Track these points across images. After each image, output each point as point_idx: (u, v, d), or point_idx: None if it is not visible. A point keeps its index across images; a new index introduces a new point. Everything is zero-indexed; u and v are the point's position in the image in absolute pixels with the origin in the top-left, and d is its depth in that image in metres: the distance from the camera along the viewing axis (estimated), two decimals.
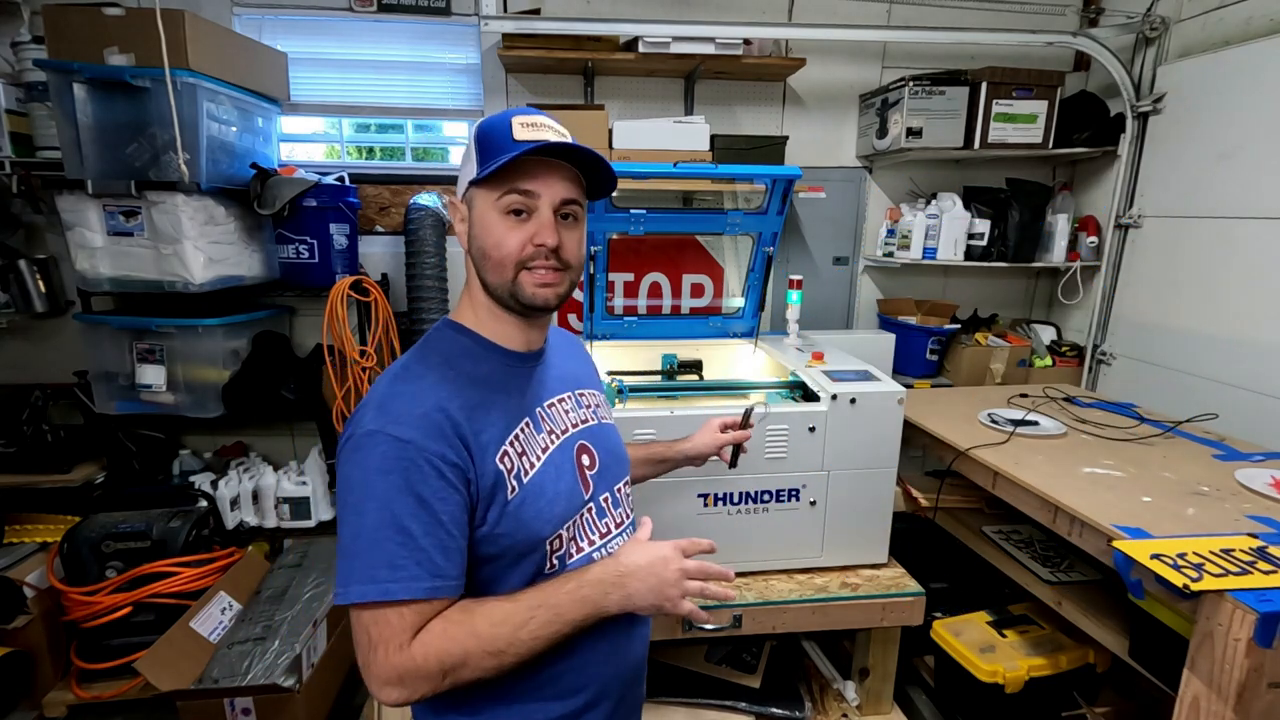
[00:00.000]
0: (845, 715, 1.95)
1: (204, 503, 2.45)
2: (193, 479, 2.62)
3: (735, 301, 2.47)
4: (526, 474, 0.91)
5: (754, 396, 2.04)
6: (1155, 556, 1.25)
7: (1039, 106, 2.61)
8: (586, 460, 1.00)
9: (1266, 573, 1.19)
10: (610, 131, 2.56)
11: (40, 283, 2.54)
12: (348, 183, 2.57)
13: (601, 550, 0.98)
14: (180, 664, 1.97)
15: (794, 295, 2.33)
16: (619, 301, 2.51)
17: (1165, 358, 2.53)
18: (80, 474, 2.45)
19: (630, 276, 2.54)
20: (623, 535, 1.02)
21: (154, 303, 2.39)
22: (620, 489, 1.06)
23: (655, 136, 2.54)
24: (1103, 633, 1.61)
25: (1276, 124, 2.14)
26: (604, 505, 1.01)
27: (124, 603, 2.16)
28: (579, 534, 0.96)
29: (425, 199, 2.58)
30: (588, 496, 0.98)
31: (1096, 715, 1.86)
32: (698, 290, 2.62)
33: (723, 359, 2.39)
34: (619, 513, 1.04)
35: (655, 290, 2.59)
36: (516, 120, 0.88)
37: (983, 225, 2.80)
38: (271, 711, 1.93)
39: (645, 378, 2.28)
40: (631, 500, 1.11)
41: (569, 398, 1.03)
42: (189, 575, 2.23)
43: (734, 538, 1.83)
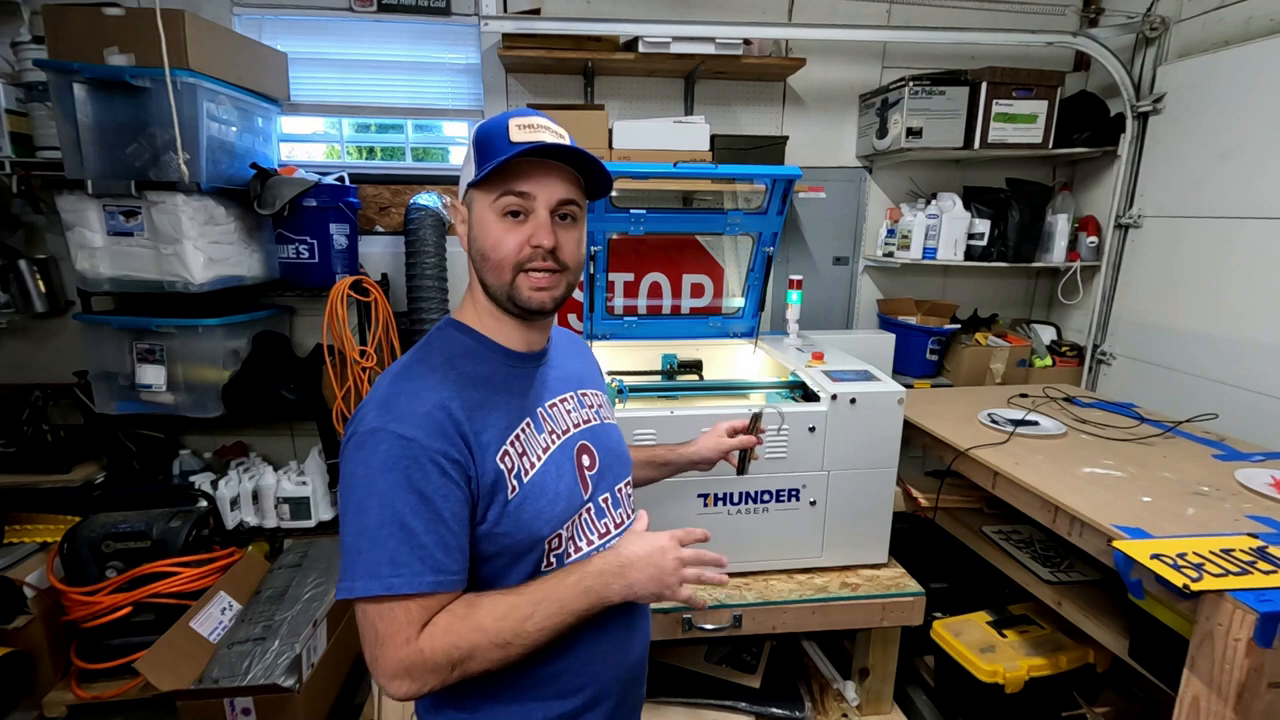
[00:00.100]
0: (845, 715, 1.95)
1: (204, 503, 2.45)
2: (193, 479, 2.62)
3: (735, 301, 2.47)
4: (527, 473, 0.91)
5: (754, 397, 2.04)
6: (1155, 556, 1.25)
7: (1039, 106, 2.61)
8: (586, 460, 1.00)
9: (1266, 573, 1.19)
10: (610, 131, 2.56)
11: (40, 283, 2.54)
12: (348, 183, 2.57)
13: (600, 550, 0.98)
14: (180, 664, 1.97)
15: (794, 295, 2.33)
16: (619, 301, 2.51)
17: (1165, 358, 2.53)
18: (80, 474, 2.45)
19: (630, 276, 2.54)
20: (622, 535, 1.02)
21: (154, 303, 2.39)
22: (621, 489, 1.05)
23: (655, 136, 2.54)
24: (1103, 633, 1.61)
25: (1276, 124, 2.14)
26: (603, 505, 1.01)
27: (124, 603, 2.16)
28: (578, 533, 0.96)
29: (425, 199, 2.58)
30: (587, 496, 0.98)
31: (1096, 715, 1.86)
32: (698, 290, 2.62)
33: (723, 359, 2.39)
34: (619, 513, 1.04)
35: (655, 290, 2.59)
36: (514, 122, 0.88)
37: (983, 225, 2.80)
38: (271, 711, 1.93)
39: (645, 378, 2.29)
40: (632, 501, 1.10)
41: (571, 397, 1.03)
42: (189, 575, 2.23)
43: (734, 538, 1.83)
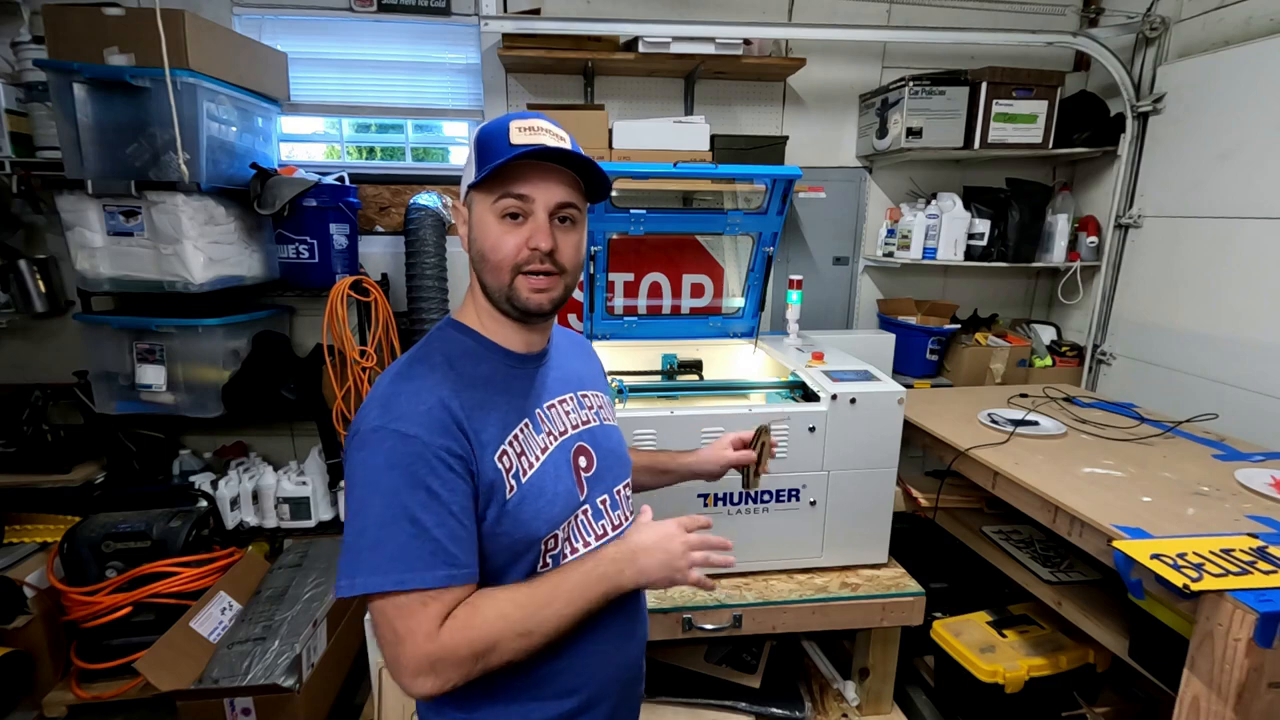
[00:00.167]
0: (845, 715, 1.95)
1: (204, 503, 2.45)
2: (193, 479, 2.62)
3: (735, 301, 2.47)
4: (525, 474, 0.91)
5: (754, 397, 2.04)
6: (1155, 556, 1.25)
7: (1039, 106, 2.61)
8: (583, 462, 1.00)
9: (1266, 573, 1.19)
10: (610, 131, 2.56)
11: (40, 283, 2.54)
12: (348, 183, 2.57)
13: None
14: (180, 664, 1.97)
15: (794, 295, 2.33)
16: (619, 301, 2.51)
17: (1165, 358, 2.53)
18: (80, 474, 2.45)
19: (630, 276, 2.54)
20: (623, 534, 1.02)
21: (154, 303, 2.39)
22: (619, 491, 1.05)
23: (655, 136, 2.54)
24: (1103, 633, 1.61)
25: (1276, 124, 2.14)
26: (601, 507, 1.01)
27: (124, 603, 2.16)
28: (574, 535, 0.96)
29: (425, 199, 2.58)
30: (583, 498, 0.98)
31: (1096, 715, 1.86)
32: (698, 290, 2.62)
33: (723, 359, 2.39)
34: (617, 515, 1.03)
35: (655, 290, 2.59)
36: (514, 124, 0.88)
37: (983, 225, 2.80)
38: (271, 711, 1.93)
39: (645, 378, 2.28)
40: (631, 503, 1.10)
41: (570, 399, 1.03)
42: (189, 575, 2.23)
43: (734, 538, 1.78)
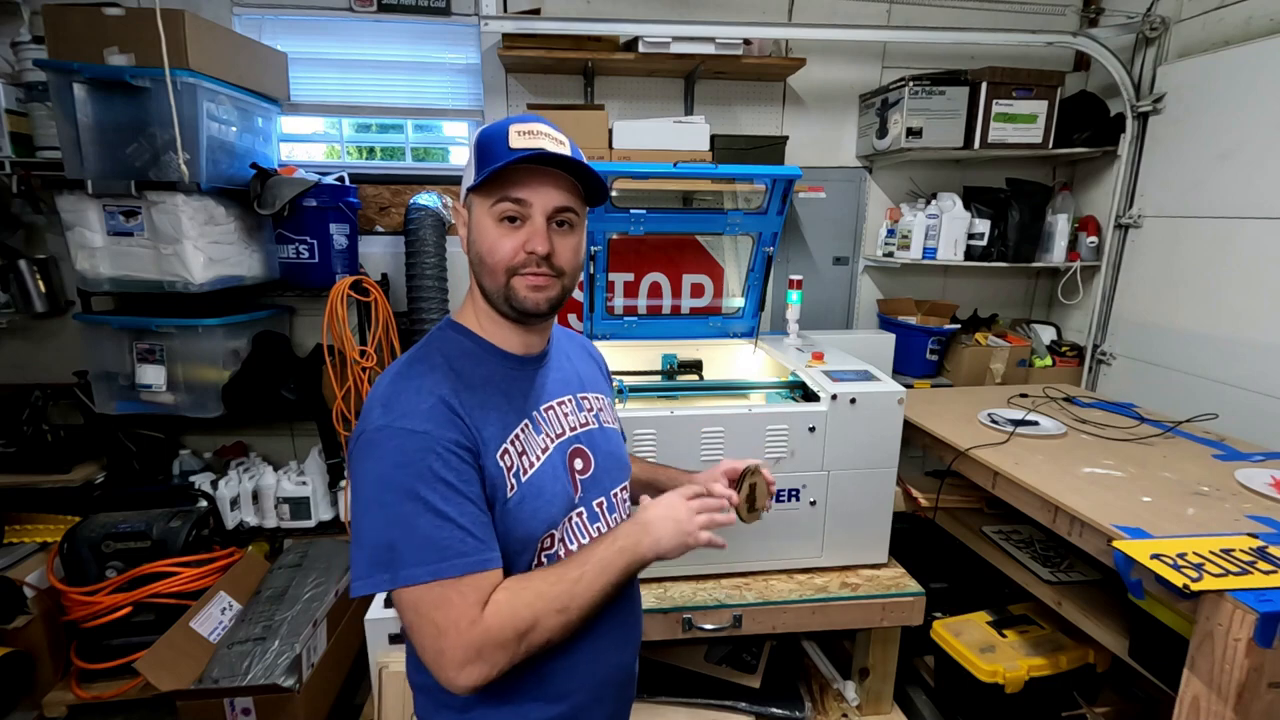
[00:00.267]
0: (845, 715, 1.96)
1: (204, 503, 2.45)
2: (193, 479, 2.62)
3: (735, 301, 2.47)
4: (525, 473, 0.92)
5: (754, 397, 2.04)
6: (1155, 556, 1.25)
7: (1039, 106, 2.61)
8: (579, 464, 1.00)
9: (1266, 573, 1.19)
10: (610, 131, 2.56)
11: (40, 283, 2.54)
12: (348, 183, 2.57)
13: None
14: (180, 664, 1.97)
15: (794, 295, 2.33)
16: (619, 301, 2.51)
17: (1165, 358, 2.53)
18: (80, 474, 2.45)
19: (630, 276, 2.54)
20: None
21: (154, 303, 2.39)
22: (616, 494, 1.05)
23: (655, 136, 2.54)
24: (1103, 633, 1.61)
25: (1276, 124, 2.14)
26: (597, 510, 1.01)
27: (124, 603, 2.16)
28: (568, 536, 0.96)
29: (425, 199, 2.58)
30: (578, 500, 0.98)
31: (1096, 715, 1.86)
32: (698, 290, 2.62)
33: (723, 359, 2.39)
34: (613, 518, 1.03)
35: (655, 290, 2.59)
36: (514, 128, 0.88)
37: (983, 225, 2.80)
38: (271, 711, 1.93)
39: (645, 378, 2.28)
40: (628, 506, 1.10)
41: (569, 400, 1.03)
42: (189, 575, 2.23)
43: (734, 537, 1.80)
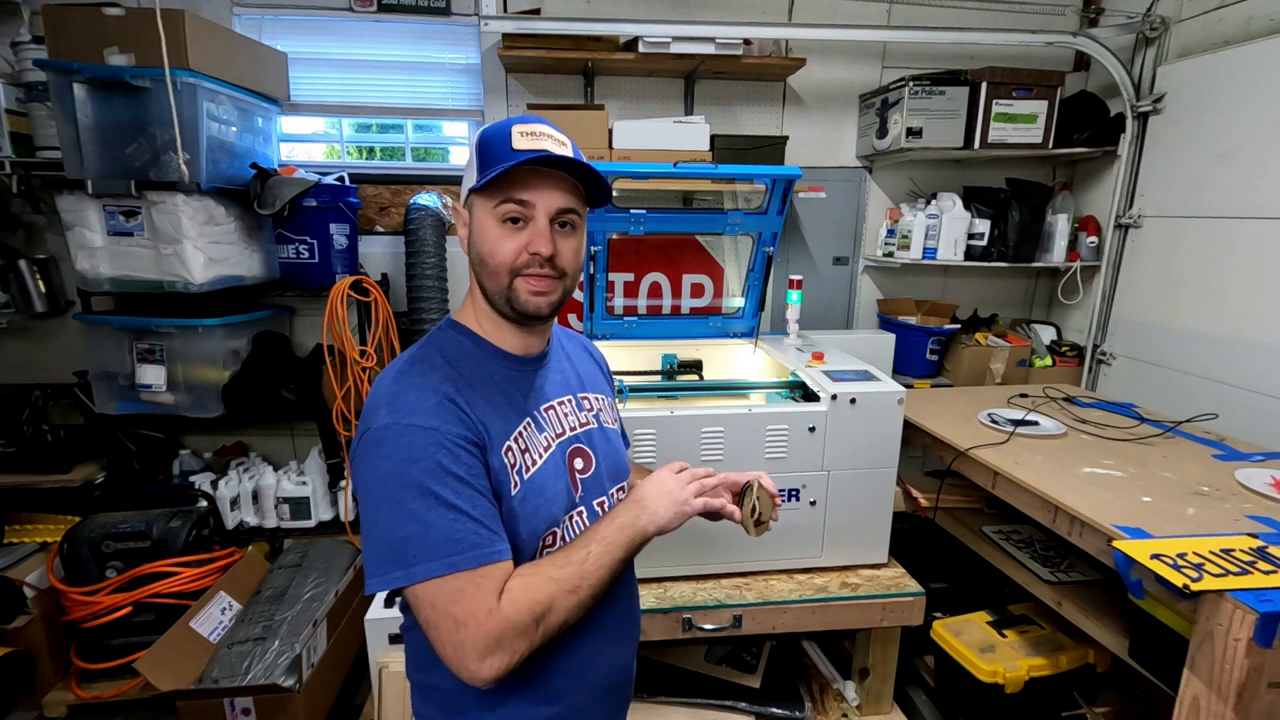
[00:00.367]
0: (845, 715, 1.95)
1: (204, 503, 2.45)
2: (193, 479, 2.62)
3: (735, 301, 2.47)
4: (528, 470, 0.92)
5: (754, 397, 2.04)
6: (1155, 556, 1.25)
7: (1039, 106, 2.61)
8: (580, 464, 1.01)
9: (1266, 573, 1.19)
10: (610, 131, 2.56)
11: (40, 283, 2.54)
12: (348, 183, 2.57)
13: None
14: (180, 664, 1.97)
15: (794, 295, 2.33)
16: (619, 301, 2.51)
17: (1165, 358, 2.53)
18: (80, 474, 2.45)
19: (630, 276, 2.54)
20: None
21: (154, 303, 2.39)
22: (616, 494, 1.06)
23: (655, 136, 2.54)
24: (1103, 633, 1.61)
25: (1276, 124, 2.14)
26: (597, 509, 1.01)
27: (124, 603, 2.16)
28: (569, 534, 0.96)
29: (425, 199, 2.58)
30: (578, 499, 0.99)
31: (1096, 715, 1.86)
32: (698, 290, 2.62)
33: (723, 359, 2.39)
34: None
35: (655, 290, 2.59)
36: (516, 129, 0.88)
37: (983, 225, 2.80)
38: (271, 711, 1.93)
39: (645, 378, 2.28)
40: None
41: (569, 400, 1.04)
42: (189, 575, 2.23)
43: (733, 537, 1.82)
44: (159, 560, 2.21)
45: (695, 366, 2.37)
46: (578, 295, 2.29)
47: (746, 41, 2.54)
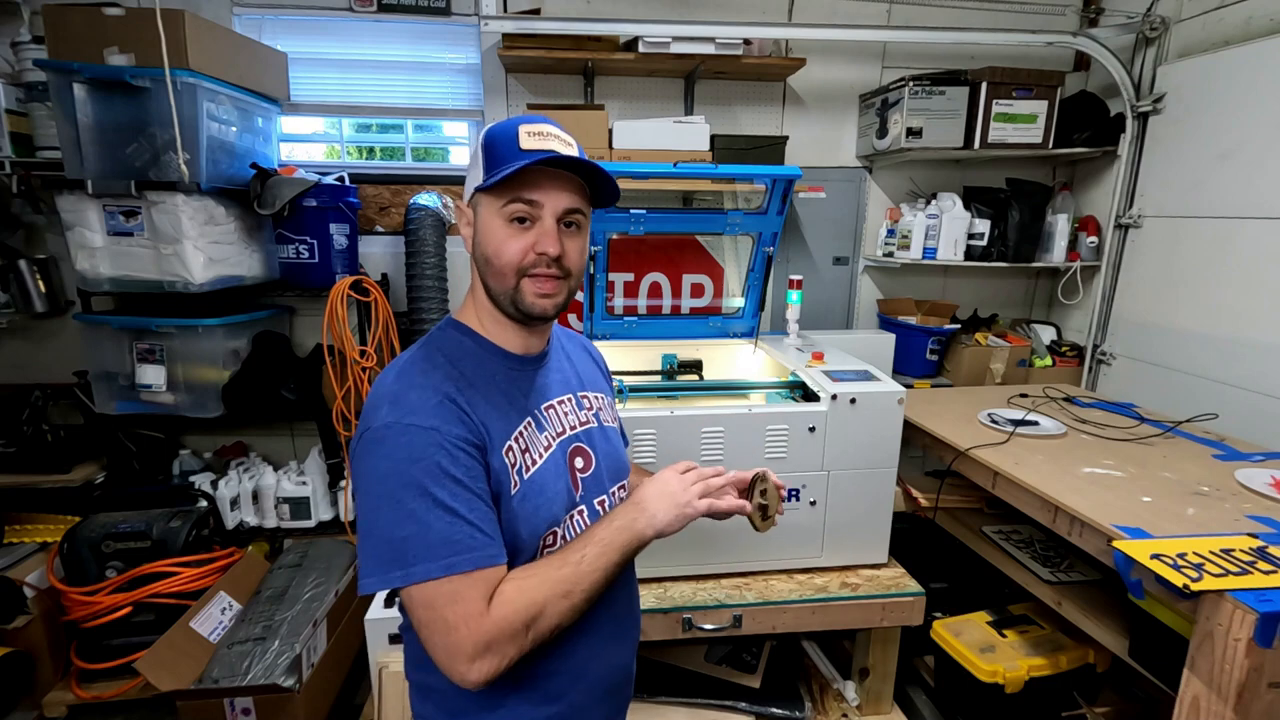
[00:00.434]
0: (845, 715, 1.95)
1: (204, 503, 2.45)
2: (193, 479, 2.62)
3: (735, 301, 2.47)
4: (529, 470, 0.92)
5: (754, 397, 2.04)
6: (1155, 556, 1.25)
7: (1039, 106, 2.61)
8: (580, 463, 1.01)
9: (1266, 573, 1.19)
10: (610, 131, 2.56)
11: (40, 283, 2.54)
12: (348, 183, 2.57)
13: None
14: (180, 664, 1.97)
15: (794, 295, 2.33)
16: (619, 301, 2.51)
17: (1165, 358, 2.53)
18: (80, 474, 2.45)
19: (630, 276, 2.54)
20: None
21: (154, 303, 2.39)
22: (616, 493, 1.06)
23: (655, 136, 2.54)
24: (1103, 633, 1.61)
25: (1276, 124, 2.14)
26: (598, 508, 1.01)
27: (124, 603, 2.16)
28: (569, 534, 0.96)
29: (425, 199, 2.58)
30: (579, 498, 0.99)
31: (1096, 715, 1.86)
32: (698, 290, 2.62)
33: (723, 359, 2.39)
34: None
35: (655, 290, 2.59)
36: (524, 129, 0.88)
37: (983, 225, 2.80)
38: (271, 711, 1.93)
39: (645, 378, 2.28)
40: None
41: (569, 400, 1.04)
42: (189, 575, 2.23)
43: (734, 538, 1.83)
44: (159, 560, 2.21)
45: (695, 366, 2.37)
46: (578, 295, 2.29)
47: (746, 41, 2.54)
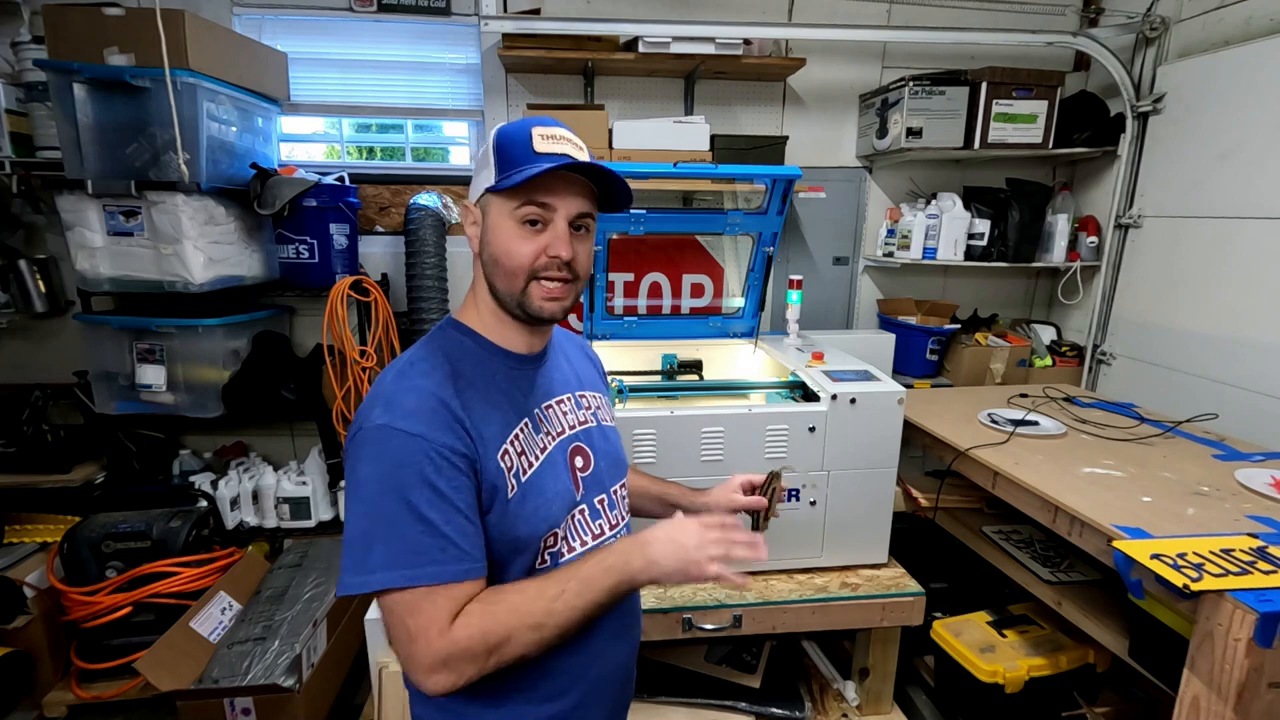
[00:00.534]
0: (845, 715, 1.95)
1: (204, 503, 2.45)
2: (193, 479, 2.62)
3: (735, 301, 2.47)
4: (525, 472, 0.92)
5: (754, 397, 2.04)
6: (1155, 556, 1.25)
7: (1039, 106, 2.61)
8: (580, 462, 1.01)
9: (1266, 573, 1.19)
10: (610, 131, 2.56)
11: (40, 283, 2.54)
12: (348, 183, 2.57)
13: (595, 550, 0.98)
14: (180, 664, 1.97)
15: (794, 295, 2.33)
16: (619, 301, 2.51)
17: (1165, 358, 2.53)
18: (80, 474, 2.45)
19: (630, 276, 2.54)
20: (616, 537, 1.03)
21: (154, 303, 2.39)
22: (616, 491, 1.06)
23: (655, 136, 2.54)
24: (1103, 633, 1.61)
25: (1276, 124, 2.14)
26: (598, 507, 1.01)
27: (124, 603, 2.16)
28: (571, 534, 0.96)
29: (425, 199, 2.58)
30: (580, 497, 0.99)
31: (1096, 715, 1.86)
32: (698, 290, 2.62)
33: (723, 359, 2.39)
34: (614, 515, 1.04)
35: (655, 290, 2.59)
36: (537, 131, 0.88)
37: (983, 225, 2.80)
38: (271, 711, 1.93)
39: (645, 378, 2.28)
40: (628, 503, 1.11)
41: (568, 399, 1.04)
42: (189, 575, 2.23)
43: None
44: (159, 560, 2.21)
45: (695, 366, 2.37)
46: None
47: (746, 41, 2.54)
